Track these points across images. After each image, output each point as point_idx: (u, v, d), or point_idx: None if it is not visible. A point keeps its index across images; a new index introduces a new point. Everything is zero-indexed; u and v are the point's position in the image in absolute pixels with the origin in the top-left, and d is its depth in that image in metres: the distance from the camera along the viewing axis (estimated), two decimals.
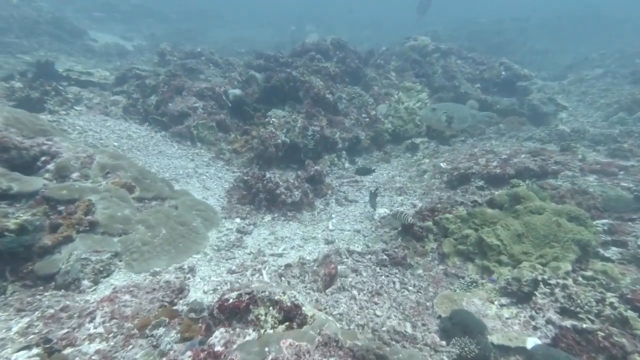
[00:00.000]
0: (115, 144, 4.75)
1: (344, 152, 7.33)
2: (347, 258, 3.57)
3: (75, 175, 3.23)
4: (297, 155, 6.81)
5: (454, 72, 9.70)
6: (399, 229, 4.14)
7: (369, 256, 3.65)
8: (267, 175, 4.76)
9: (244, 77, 7.81)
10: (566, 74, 13.09)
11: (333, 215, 4.74)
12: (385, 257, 3.65)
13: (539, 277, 2.98)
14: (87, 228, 2.84)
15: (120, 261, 2.78)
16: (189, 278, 2.81)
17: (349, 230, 4.33)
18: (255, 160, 5.90)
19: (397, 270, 3.50)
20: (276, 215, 4.53)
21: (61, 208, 2.94)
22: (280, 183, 4.72)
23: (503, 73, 9.62)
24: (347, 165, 7.16)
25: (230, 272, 3.10)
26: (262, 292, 1.97)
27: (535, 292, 2.93)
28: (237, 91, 7.22)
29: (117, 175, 3.37)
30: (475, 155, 5.84)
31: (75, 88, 6.20)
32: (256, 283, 2.11)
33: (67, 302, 2.54)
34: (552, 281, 2.94)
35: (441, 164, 5.95)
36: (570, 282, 2.95)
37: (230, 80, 7.68)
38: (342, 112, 7.78)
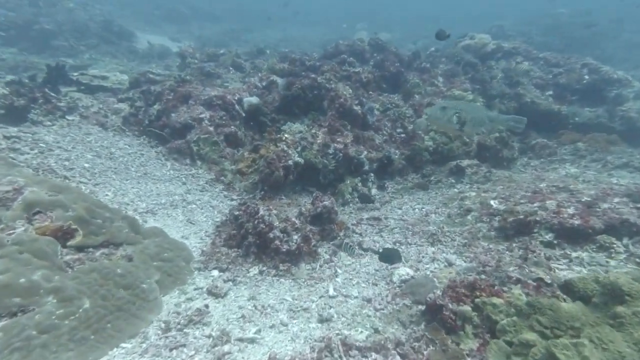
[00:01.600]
0: (86, 165, 4.20)
1: (371, 174, 6.21)
2: None
3: None
4: (315, 178, 5.87)
5: (518, 76, 7.99)
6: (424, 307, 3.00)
7: (375, 356, 2.58)
8: (261, 212, 3.87)
9: (265, 83, 7.04)
10: None
11: (339, 272, 3.70)
12: (398, 358, 2.55)
13: None
14: None
15: None
16: None
17: (355, 298, 3.29)
18: (260, 185, 5.06)
19: None
20: (265, 267, 3.62)
21: None
22: (276, 224, 3.80)
23: (586, 77, 7.68)
24: (374, 191, 6.04)
25: None
26: None
27: None
28: (254, 99, 6.46)
29: (48, 217, 2.71)
30: (542, 193, 4.38)
31: (78, 94, 5.90)
32: None
33: None
34: None
35: (491, 202, 4.58)
36: None
37: (248, 86, 6.96)
38: (372, 126, 6.65)
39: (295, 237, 3.82)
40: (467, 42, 9.12)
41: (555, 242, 3.64)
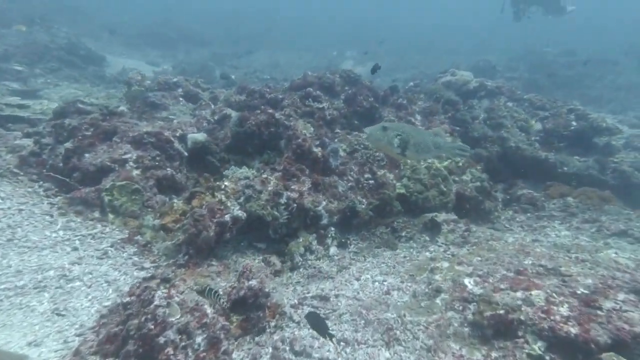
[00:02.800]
0: None
1: (331, 228, 5.31)
2: None
3: None
4: (264, 232, 4.95)
5: (502, 118, 7.36)
6: None
7: None
8: (155, 301, 2.87)
9: (217, 117, 6.21)
10: None
11: None
12: None
13: None
14: None
15: None
16: None
17: None
18: (184, 248, 4.08)
19: None
20: None
21: None
22: (173, 319, 2.81)
23: (573, 123, 7.07)
24: (332, 250, 5.10)
25: None
26: None
27: None
28: (200, 136, 5.59)
29: None
30: (527, 275, 3.51)
31: None
32: None
33: None
34: None
35: (466, 281, 3.67)
36: None
37: (198, 119, 6.12)
38: (335, 171, 5.80)
39: (200, 339, 2.82)
40: (448, 78, 8.57)
41: (547, 357, 2.71)
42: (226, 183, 4.56)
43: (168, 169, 4.87)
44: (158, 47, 23.86)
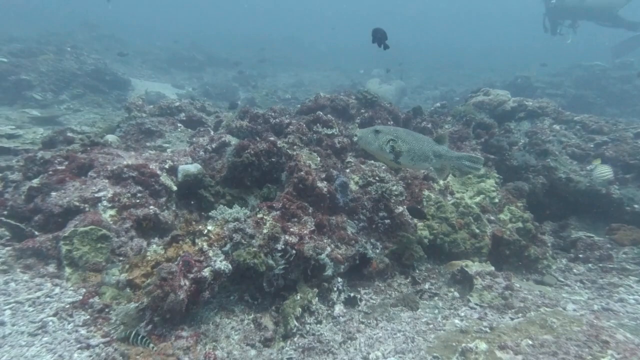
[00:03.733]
0: None
1: (337, 280, 4.43)
2: None
3: None
4: (257, 282, 4.20)
5: (547, 143, 6.22)
6: None
7: None
8: None
9: (215, 145, 5.63)
10: None
11: None
12: None
13: None
14: None
15: None
16: None
17: None
18: (148, 315, 3.35)
19: None
20: None
21: None
22: None
23: None
24: (337, 309, 4.21)
25: None
26: None
27: None
28: (192, 167, 4.99)
29: None
30: None
31: None
32: None
33: None
34: None
35: None
36: None
37: (194, 148, 5.55)
38: (345, 209, 4.96)
39: None
40: (481, 98, 7.55)
41: None
42: (210, 227, 3.84)
43: (151, 207, 4.25)
44: (185, 70, 24.54)
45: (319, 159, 5.20)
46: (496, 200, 5.48)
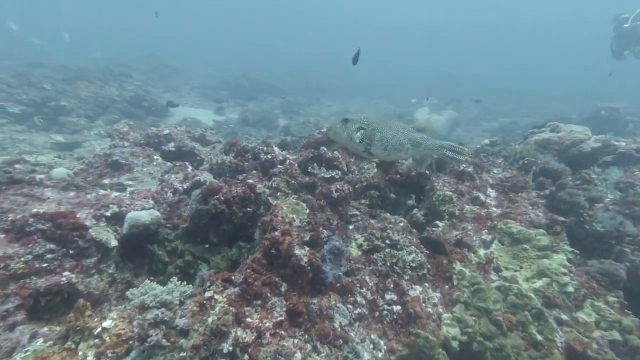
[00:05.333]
0: None
1: None
2: None
3: None
4: None
5: None
6: None
7: None
8: None
9: (188, 184, 4.70)
10: None
11: None
12: None
13: None
14: None
15: None
16: None
17: None
18: None
19: None
20: None
21: None
22: None
23: None
24: None
25: None
26: None
27: None
28: (145, 215, 4.06)
29: None
30: None
31: None
32: None
33: None
34: None
35: None
36: None
37: (163, 187, 4.67)
38: (335, 286, 3.60)
39: None
40: (546, 135, 5.77)
41: None
42: (108, 322, 2.70)
43: (65, 272, 3.33)
44: (232, 97, 25.28)
45: (307, 211, 3.96)
46: (570, 288, 3.71)
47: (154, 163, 5.14)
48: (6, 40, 29.45)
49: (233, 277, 3.39)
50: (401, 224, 4.41)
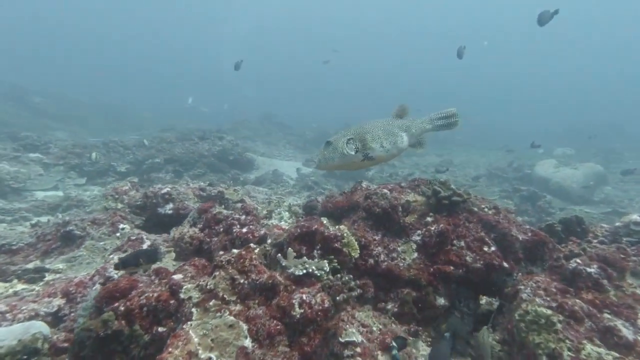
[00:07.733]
0: None
1: None
2: None
3: None
4: None
5: None
6: None
7: None
8: None
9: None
10: None
11: None
12: None
13: None
14: None
15: None
16: None
17: None
18: None
19: None
20: None
21: None
22: None
23: None
24: None
25: None
26: None
27: None
28: (8, 337, 2.86)
29: None
30: None
31: None
32: None
33: None
34: None
35: None
36: None
37: (95, 275, 3.69)
38: None
39: None
40: None
41: None
42: None
43: None
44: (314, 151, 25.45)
45: (245, 341, 2.31)
46: None
47: (118, 234, 4.31)
48: (184, 111, 37.67)
49: None
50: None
